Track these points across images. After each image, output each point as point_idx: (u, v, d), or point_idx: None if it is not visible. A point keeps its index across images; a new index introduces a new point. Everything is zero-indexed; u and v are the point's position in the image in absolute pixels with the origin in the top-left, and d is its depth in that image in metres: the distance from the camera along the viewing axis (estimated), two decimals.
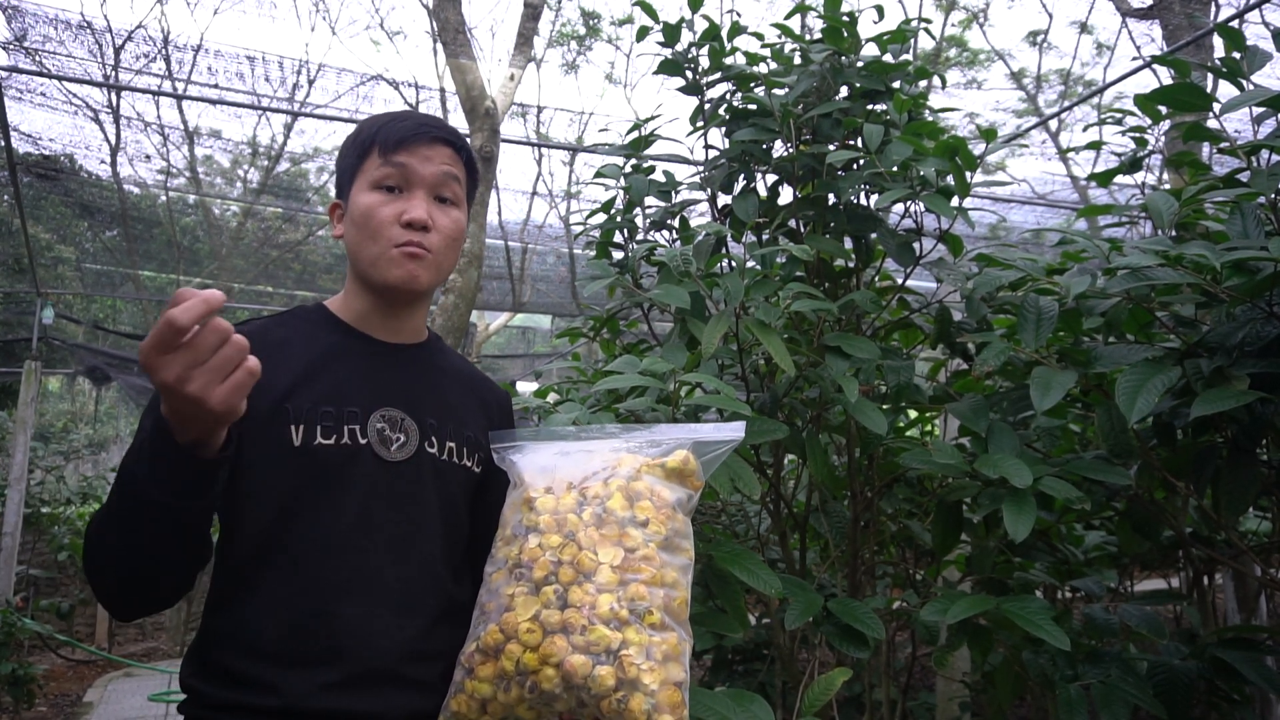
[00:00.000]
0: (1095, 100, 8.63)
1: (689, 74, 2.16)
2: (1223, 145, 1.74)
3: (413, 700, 1.15)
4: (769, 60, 2.13)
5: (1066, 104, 10.52)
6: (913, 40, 2.18)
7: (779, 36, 2.12)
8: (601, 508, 1.09)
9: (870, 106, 2.02)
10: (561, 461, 1.16)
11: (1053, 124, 10.41)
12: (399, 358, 1.29)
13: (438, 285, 1.31)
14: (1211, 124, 1.69)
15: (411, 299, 1.28)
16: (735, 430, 1.17)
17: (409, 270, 1.21)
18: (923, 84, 2.21)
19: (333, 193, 1.44)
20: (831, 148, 1.95)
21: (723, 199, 2.16)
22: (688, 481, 1.15)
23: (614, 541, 1.07)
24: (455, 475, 1.27)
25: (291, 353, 1.21)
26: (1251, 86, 1.63)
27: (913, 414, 2.75)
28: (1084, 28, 11.63)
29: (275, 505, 1.15)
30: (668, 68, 2.16)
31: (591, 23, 12.52)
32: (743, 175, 2.11)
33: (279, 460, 1.15)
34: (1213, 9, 7.17)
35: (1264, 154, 1.67)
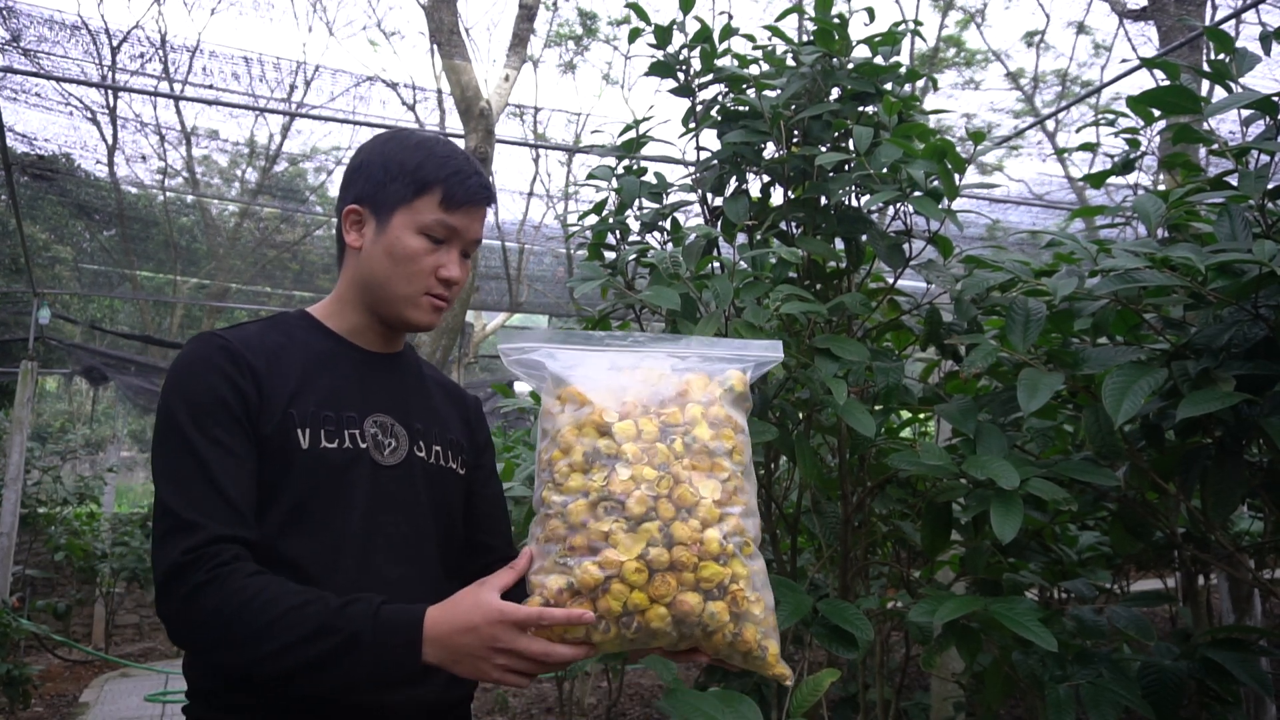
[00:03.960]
0: (1092, 100, 8.64)
1: (680, 76, 2.17)
2: (1213, 147, 1.75)
3: (424, 694, 1.18)
4: (760, 62, 2.13)
5: (1063, 104, 10.52)
6: (908, 41, 2.18)
7: (770, 38, 2.13)
8: (690, 437, 1.05)
9: (861, 109, 2.03)
10: (623, 380, 1.08)
11: (1050, 124, 10.42)
12: (385, 365, 1.32)
13: None
14: (1204, 126, 1.70)
15: (416, 332, 1.33)
16: (775, 349, 1.15)
17: (432, 320, 1.28)
18: (920, 84, 2.21)
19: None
20: (822, 150, 1.95)
21: (714, 200, 2.17)
22: (744, 405, 1.12)
23: (707, 473, 1.04)
24: (446, 479, 1.31)
25: (289, 358, 1.22)
26: (1239, 89, 1.63)
27: (908, 414, 2.75)
28: (1081, 28, 11.64)
29: (285, 507, 1.16)
30: (659, 69, 2.16)
31: (588, 23, 12.52)
32: (734, 177, 2.11)
33: (288, 463, 1.16)
34: (1208, 9, 7.18)
35: (1253, 155, 1.68)
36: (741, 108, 2.10)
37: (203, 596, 1.04)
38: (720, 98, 2.15)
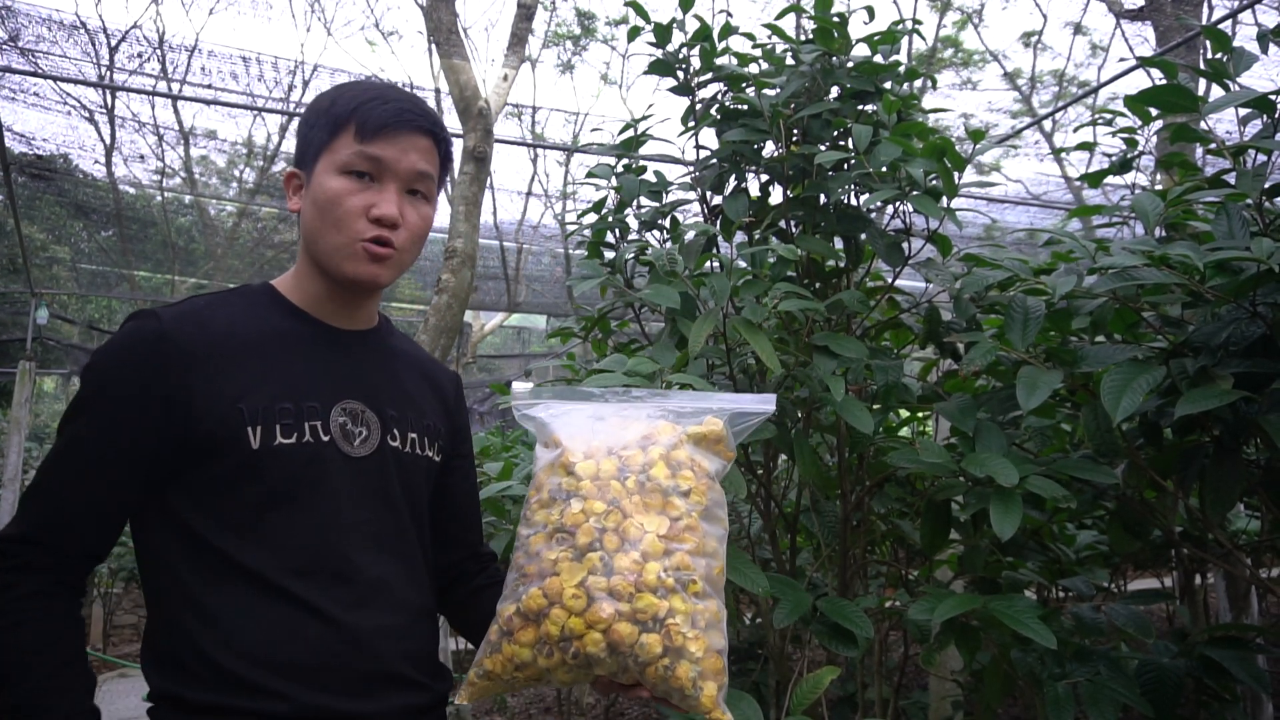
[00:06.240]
0: (1089, 100, 8.65)
1: (680, 74, 2.17)
2: (1211, 146, 1.75)
3: (408, 698, 1.14)
4: (760, 61, 2.13)
5: (1060, 104, 10.54)
6: (906, 41, 2.19)
7: (770, 37, 2.13)
8: (645, 476, 1.09)
9: (860, 107, 2.03)
10: (598, 426, 1.14)
11: (1047, 125, 10.44)
12: (355, 345, 1.22)
13: (397, 279, 1.27)
14: (1201, 125, 1.70)
15: (369, 293, 1.22)
16: (766, 402, 1.17)
17: (371, 271, 1.15)
18: (918, 84, 2.22)
19: None
20: (821, 148, 1.95)
21: (714, 199, 2.17)
22: (721, 451, 1.15)
23: (658, 510, 1.07)
24: (419, 466, 1.23)
25: (240, 343, 1.13)
26: (1237, 87, 1.64)
27: (906, 413, 2.75)
28: (1078, 29, 11.66)
29: (242, 514, 1.08)
30: (659, 68, 2.16)
31: (586, 23, 12.52)
32: (733, 175, 2.12)
33: (238, 466, 1.08)
34: (1205, 9, 7.19)
35: (1251, 154, 1.68)
36: (741, 106, 2.10)
37: None
38: (720, 96, 2.16)
